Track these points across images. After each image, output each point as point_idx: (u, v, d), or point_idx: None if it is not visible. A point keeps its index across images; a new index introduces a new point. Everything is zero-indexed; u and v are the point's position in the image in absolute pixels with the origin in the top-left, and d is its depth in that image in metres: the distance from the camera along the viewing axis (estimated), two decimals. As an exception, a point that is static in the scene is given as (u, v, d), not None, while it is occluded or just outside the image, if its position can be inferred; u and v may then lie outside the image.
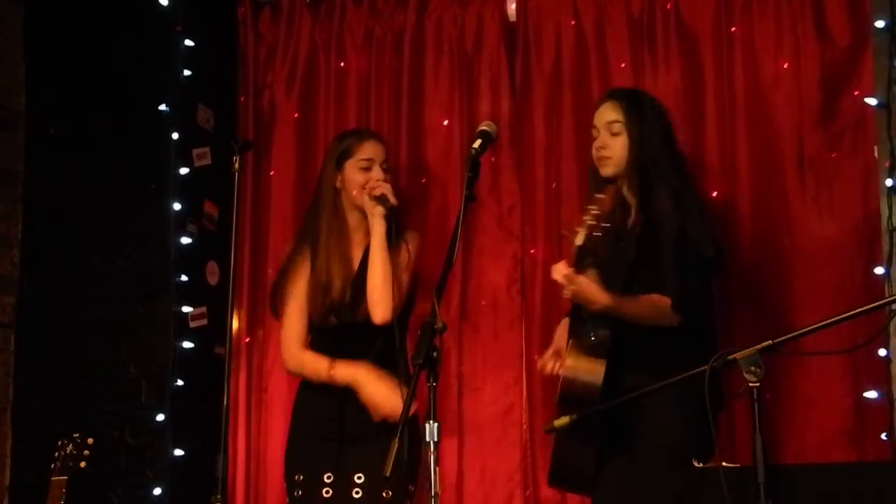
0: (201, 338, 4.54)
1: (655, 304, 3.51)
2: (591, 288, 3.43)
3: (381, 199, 3.93)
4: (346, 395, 3.90)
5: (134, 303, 4.53)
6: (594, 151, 3.77)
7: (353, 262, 4.03)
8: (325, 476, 3.90)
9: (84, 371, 4.54)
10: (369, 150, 4.05)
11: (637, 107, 3.75)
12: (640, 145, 3.69)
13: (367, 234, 3.98)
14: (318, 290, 3.97)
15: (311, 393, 4.01)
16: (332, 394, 3.92)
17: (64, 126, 4.75)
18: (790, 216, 4.22)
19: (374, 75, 4.76)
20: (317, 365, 3.94)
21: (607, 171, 3.74)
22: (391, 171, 4.13)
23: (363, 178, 4.00)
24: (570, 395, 3.44)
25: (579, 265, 3.39)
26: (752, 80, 4.31)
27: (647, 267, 3.56)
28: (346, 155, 4.05)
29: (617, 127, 3.72)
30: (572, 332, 3.55)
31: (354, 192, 4.00)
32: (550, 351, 3.76)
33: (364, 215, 4.00)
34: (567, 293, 3.46)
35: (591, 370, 3.44)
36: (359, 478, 3.86)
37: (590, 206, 3.34)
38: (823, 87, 4.22)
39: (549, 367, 3.71)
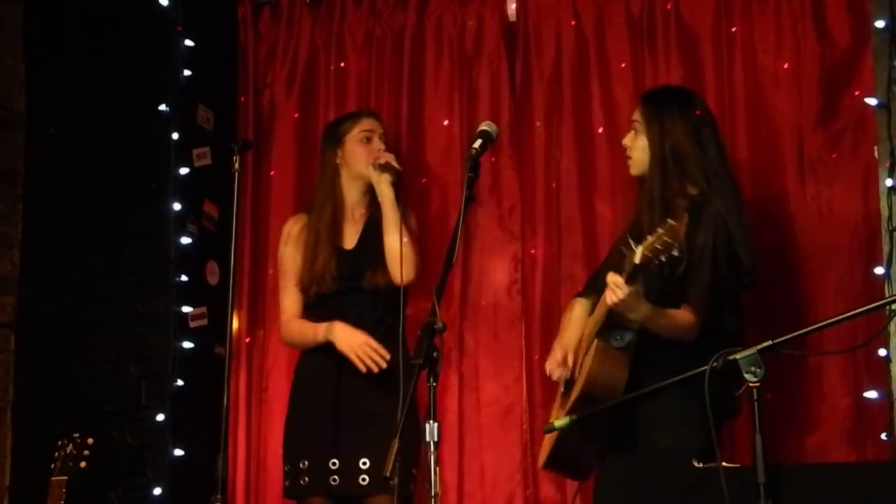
0: (201, 338, 4.53)
1: (683, 321, 3.45)
2: (633, 298, 3.31)
3: (386, 167, 4.06)
4: (342, 375, 3.95)
5: (134, 303, 4.53)
6: None
7: (343, 235, 4.11)
8: (331, 462, 3.91)
9: (84, 371, 4.53)
10: (367, 123, 4.20)
11: (660, 106, 3.68)
12: (660, 145, 3.60)
13: (368, 207, 4.14)
14: (305, 262, 4.08)
15: (308, 375, 4.07)
16: (329, 375, 3.97)
17: (64, 126, 4.74)
18: (790, 216, 4.21)
19: (374, 75, 4.76)
20: (303, 327, 4.06)
21: (631, 170, 3.74)
22: (390, 144, 4.24)
23: (364, 149, 4.13)
24: (591, 394, 3.42)
25: (631, 281, 3.28)
26: (752, 80, 4.31)
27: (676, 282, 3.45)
28: (345, 130, 4.18)
29: (636, 126, 3.71)
30: (600, 334, 3.47)
31: (358, 164, 4.11)
32: (559, 357, 3.68)
33: (365, 190, 4.14)
34: (613, 299, 3.31)
35: (614, 373, 3.42)
36: (364, 463, 3.88)
37: (661, 230, 3.14)
38: (823, 87, 4.21)
39: (556, 375, 3.69)
